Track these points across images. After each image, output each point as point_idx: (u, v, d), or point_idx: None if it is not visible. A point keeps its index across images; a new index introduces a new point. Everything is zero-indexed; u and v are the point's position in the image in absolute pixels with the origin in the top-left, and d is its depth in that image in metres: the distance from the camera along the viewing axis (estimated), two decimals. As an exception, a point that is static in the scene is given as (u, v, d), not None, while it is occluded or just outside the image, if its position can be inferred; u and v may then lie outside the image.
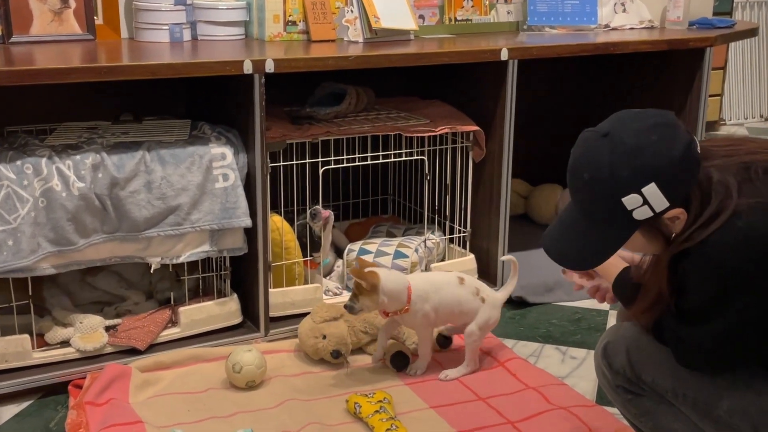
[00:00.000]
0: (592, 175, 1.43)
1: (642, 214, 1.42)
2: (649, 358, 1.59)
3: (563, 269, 1.82)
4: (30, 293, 2.14)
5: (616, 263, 1.69)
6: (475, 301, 2.19)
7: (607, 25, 3.09)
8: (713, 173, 1.43)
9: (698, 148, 1.44)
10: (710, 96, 3.10)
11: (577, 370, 2.29)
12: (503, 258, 2.40)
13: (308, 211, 2.52)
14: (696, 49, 2.85)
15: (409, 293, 2.13)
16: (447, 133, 2.64)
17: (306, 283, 2.51)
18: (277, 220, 2.44)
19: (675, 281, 1.48)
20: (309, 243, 2.51)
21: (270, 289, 2.39)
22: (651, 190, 1.39)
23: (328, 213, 2.52)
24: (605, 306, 2.70)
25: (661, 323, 1.54)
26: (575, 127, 3.80)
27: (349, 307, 2.12)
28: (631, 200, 1.41)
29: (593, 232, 1.46)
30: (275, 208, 2.48)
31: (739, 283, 1.39)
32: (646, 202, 1.40)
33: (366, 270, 2.10)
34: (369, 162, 2.60)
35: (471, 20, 2.94)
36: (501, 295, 2.26)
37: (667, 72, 3.01)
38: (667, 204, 1.41)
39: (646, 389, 1.61)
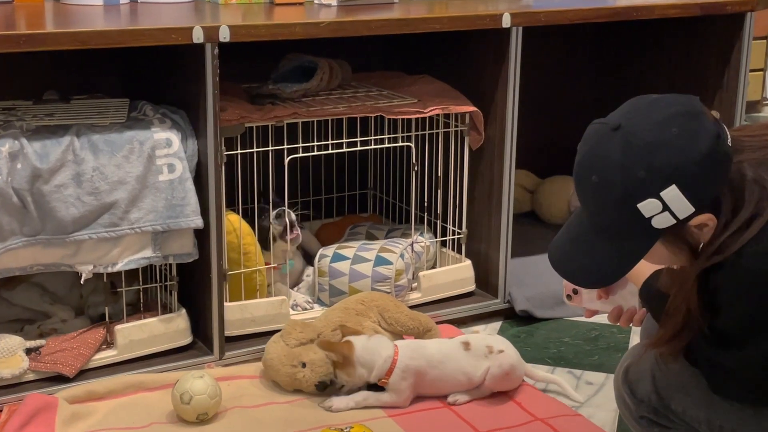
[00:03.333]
0: (602, 177, 1.41)
1: (662, 222, 1.39)
2: (678, 384, 1.60)
3: (567, 294, 1.84)
4: (-67, 309, 2.13)
5: (643, 263, 1.68)
6: (489, 360, 2.20)
7: (628, -14, 3.10)
8: (747, 170, 1.42)
9: (729, 140, 1.41)
10: (751, 71, 3.11)
11: (594, 397, 2.29)
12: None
13: (271, 212, 2.51)
14: (734, 14, 2.86)
15: (393, 364, 2.15)
16: (438, 115, 2.63)
17: (269, 295, 2.50)
18: (234, 220, 2.42)
19: (706, 299, 1.47)
20: (272, 245, 2.50)
21: (226, 303, 2.38)
22: (672, 193, 1.37)
23: (296, 234, 2.51)
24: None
25: (692, 345, 1.54)
26: (591, 109, 3.83)
27: (320, 385, 2.17)
28: (648, 206, 1.38)
29: (606, 244, 1.45)
30: (232, 206, 2.46)
31: None
32: (666, 207, 1.38)
33: (343, 340, 2.15)
34: (344, 150, 2.59)
35: (466, -20, 2.93)
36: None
37: (700, 42, 3.02)
38: (692, 209, 1.38)
39: (676, 421, 1.61)
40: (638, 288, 1.69)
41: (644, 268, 1.66)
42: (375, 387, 2.20)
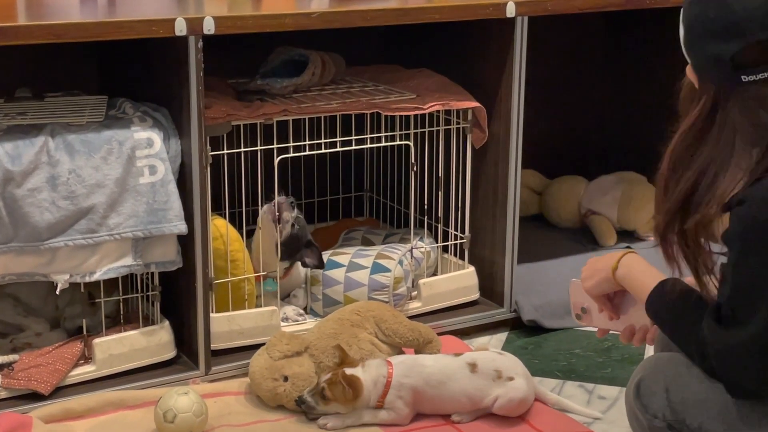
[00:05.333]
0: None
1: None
2: (694, 398, 1.61)
3: (577, 314, 1.88)
4: None
5: (646, 275, 1.71)
6: (497, 387, 2.19)
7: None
8: None
9: None
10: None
11: (607, 412, 2.30)
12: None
13: (261, 209, 2.51)
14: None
15: (387, 386, 2.15)
16: (438, 112, 2.64)
17: (258, 305, 2.51)
18: (220, 225, 2.43)
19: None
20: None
21: (212, 314, 2.38)
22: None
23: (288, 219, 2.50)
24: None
25: (705, 338, 1.57)
26: (602, 104, 3.83)
27: (308, 407, 2.14)
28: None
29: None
30: (218, 210, 2.47)
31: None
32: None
33: (348, 372, 2.13)
34: (338, 149, 2.60)
35: (468, -33, 2.94)
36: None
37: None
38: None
39: None
40: (641, 302, 1.72)
41: (648, 281, 1.70)
42: None
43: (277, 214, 2.50)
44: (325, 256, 2.64)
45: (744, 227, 1.51)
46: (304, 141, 2.52)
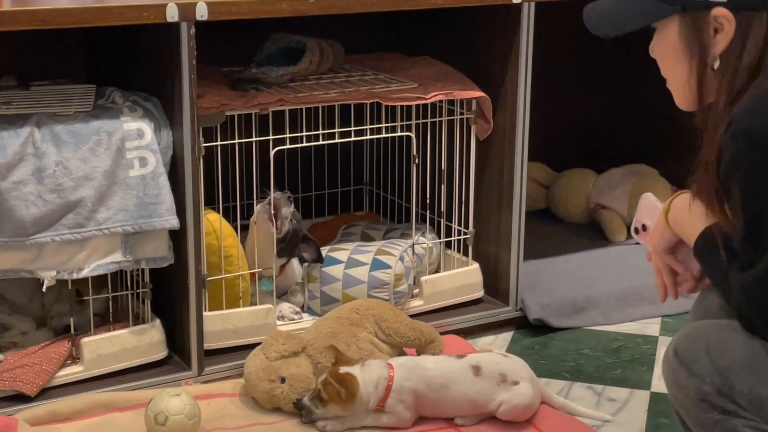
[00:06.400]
0: None
1: None
2: (740, 359, 1.58)
3: (635, 228, 1.92)
4: None
5: (696, 217, 1.69)
6: (502, 390, 2.18)
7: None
8: None
9: None
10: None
11: (617, 415, 2.30)
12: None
13: (256, 207, 2.51)
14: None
15: (387, 390, 2.15)
16: (441, 101, 2.64)
17: (253, 304, 2.51)
18: (213, 220, 2.43)
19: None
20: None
21: (205, 313, 2.38)
22: None
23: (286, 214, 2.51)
24: (653, 332, 2.71)
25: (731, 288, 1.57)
26: (613, 94, 3.83)
27: (307, 411, 2.14)
28: None
29: None
30: (211, 204, 2.47)
31: None
32: None
33: (341, 371, 2.13)
34: (337, 141, 2.60)
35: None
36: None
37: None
38: None
39: (742, 404, 1.58)
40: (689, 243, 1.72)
41: (697, 223, 1.68)
42: None
43: (273, 211, 2.50)
44: (323, 252, 2.63)
45: (737, 147, 1.52)
46: (301, 132, 2.52)
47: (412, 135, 2.64)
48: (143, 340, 2.35)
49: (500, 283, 2.76)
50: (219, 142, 2.40)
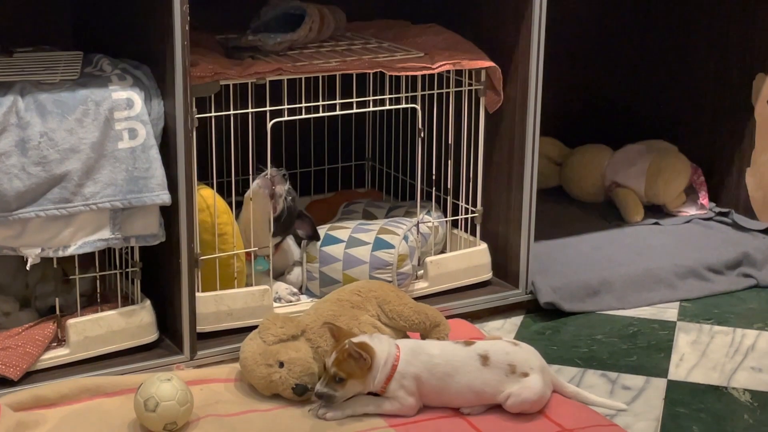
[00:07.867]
0: None
1: None
2: None
3: None
4: None
5: None
6: (511, 382, 2.18)
7: None
8: None
9: None
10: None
11: (633, 404, 2.30)
12: None
13: (254, 182, 2.51)
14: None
15: (393, 370, 2.15)
16: (448, 72, 2.63)
17: (249, 284, 2.51)
18: (207, 196, 2.43)
19: None
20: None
21: (198, 294, 2.39)
22: None
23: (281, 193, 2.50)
24: (671, 317, 2.72)
25: None
26: (630, 66, 3.84)
27: (327, 397, 2.13)
28: None
29: None
30: (205, 179, 2.47)
31: None
32: None
33: (353, 341, 2.13)
34: (338, 112, 2.59)
35: None
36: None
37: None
38: None
39: None
40: None
41: None
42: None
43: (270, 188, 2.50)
44: (323, 231, 2.64)
45: None
46: (300, 103, 2.52)
47: (418, 107, 2.64)
48: (132, 322, 2.36)
49: (510, 265, 2.76)
50: (213, 113, 2.39)
